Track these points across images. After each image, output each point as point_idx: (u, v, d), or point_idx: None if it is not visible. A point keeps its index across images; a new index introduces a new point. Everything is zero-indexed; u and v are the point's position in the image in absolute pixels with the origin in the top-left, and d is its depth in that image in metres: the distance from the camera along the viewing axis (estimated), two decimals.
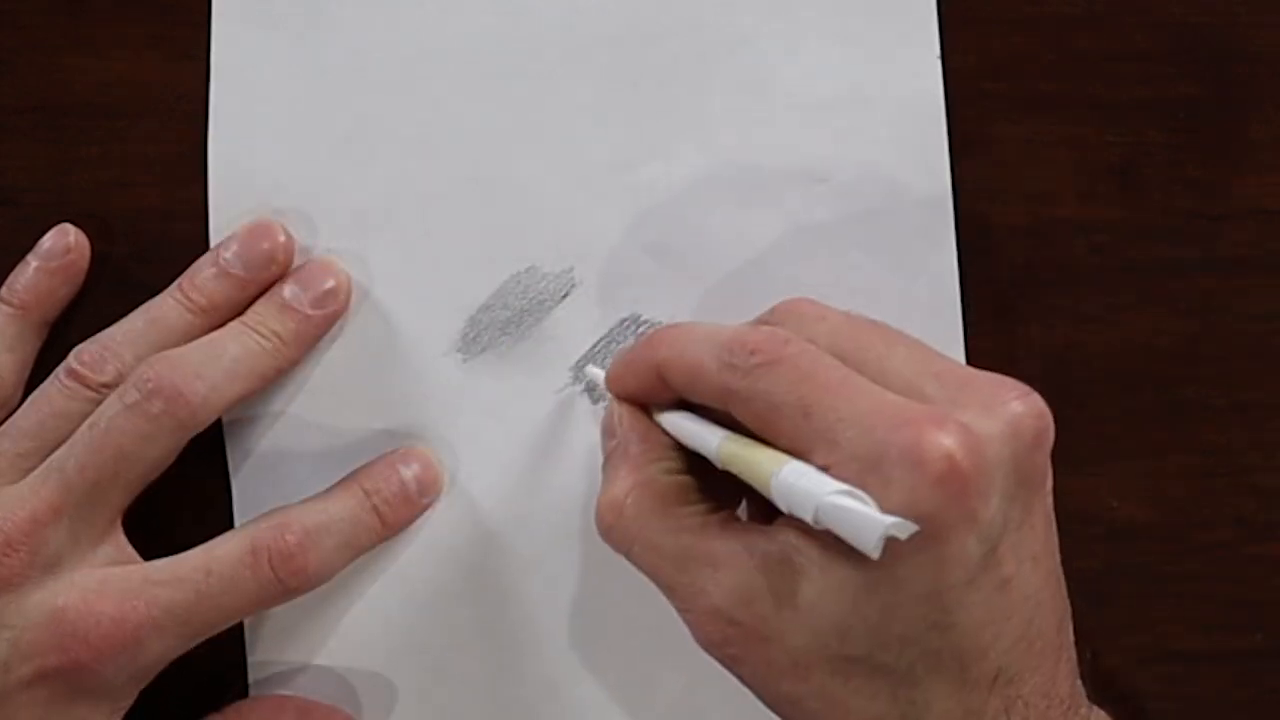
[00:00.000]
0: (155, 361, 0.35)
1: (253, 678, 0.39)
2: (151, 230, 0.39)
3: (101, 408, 0.35)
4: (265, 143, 0.39)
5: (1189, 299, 0.40)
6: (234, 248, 0.38)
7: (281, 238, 0.38)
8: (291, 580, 0.35)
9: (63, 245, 0.38)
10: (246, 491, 0.39)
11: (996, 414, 0.29)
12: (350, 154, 0.39)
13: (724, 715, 0.39)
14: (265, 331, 0.37)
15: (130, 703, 0.36)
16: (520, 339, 0.39)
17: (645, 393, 0.34)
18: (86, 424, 0.35)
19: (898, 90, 0.39)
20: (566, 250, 0.39)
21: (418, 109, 0.39)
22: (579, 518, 0.39)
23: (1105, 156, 0.40)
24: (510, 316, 0.39)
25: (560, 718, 0.39)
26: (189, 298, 0.37)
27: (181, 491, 0.38)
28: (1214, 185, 0.40)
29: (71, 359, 0.36)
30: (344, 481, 0.38)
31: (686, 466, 0.33)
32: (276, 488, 0.38)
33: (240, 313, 0.37)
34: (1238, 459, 0.40)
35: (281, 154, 0.39)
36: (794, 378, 0.29)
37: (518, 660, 0.39)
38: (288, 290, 0.38)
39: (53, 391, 0.36)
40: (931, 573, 0.28)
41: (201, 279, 0.37)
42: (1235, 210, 0.40)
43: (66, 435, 0.35)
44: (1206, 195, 0.40)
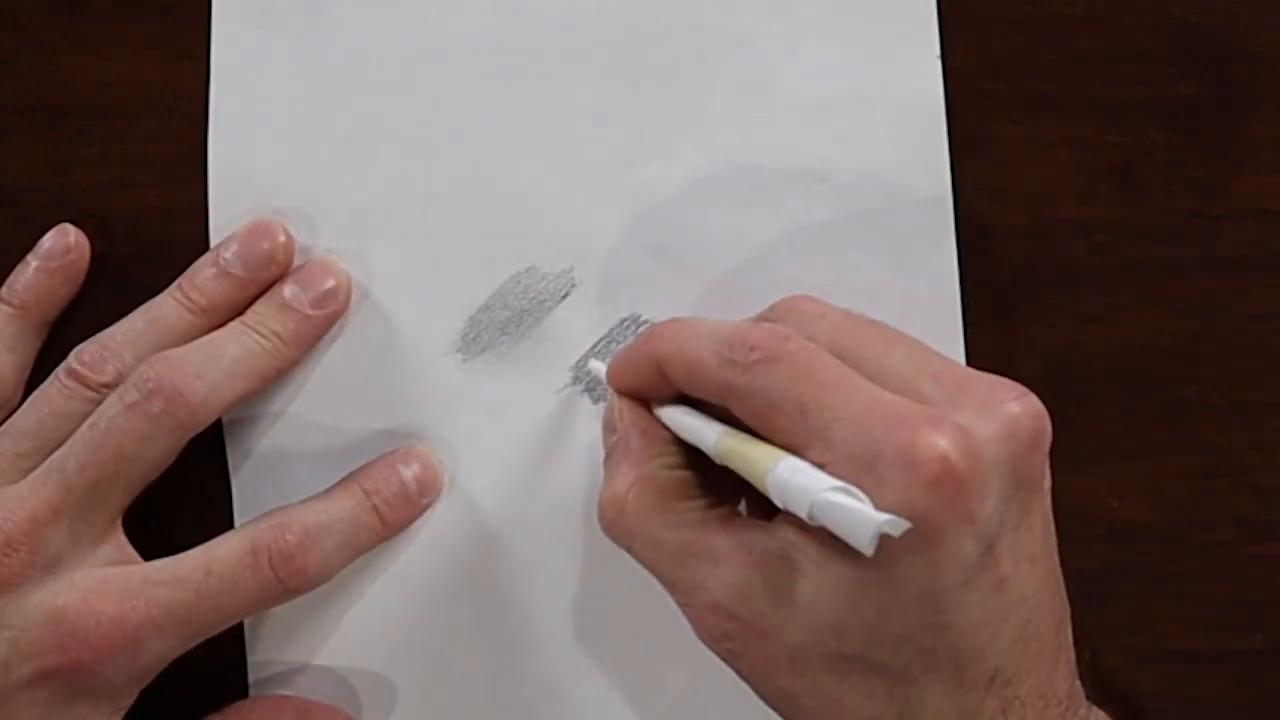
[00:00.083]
0: (155, 361, 0.35)
1: (253, 678, 0.39)
2: (151, 230, 0.39)
3: (101, 408, 0.35)
4: (265, 143, 0.39)
5: (1189, 299, 0.40)
6: (234, 248, 0.38)
7: (281, 238, 0.38)
8: (291, 580, 0.35)
9: (63, 245, 0.38)
10: (246, 491, 0.39)
11: (993, 415, 0.29)
12: (350, 154, 0.39)
13: (725, 713, 0.39)
14: (265, 331, 0.37)
15: (130, 703, 0.36)
16: (520, 339, 0.39)
17: (645, 387, 0.34)
18: (86, 424, 0.35)
19: (898, 90, 0.39)
20: (566, 250, 0.39)
21: (418, 109, 0.39)
22: (579, 518, 0.39)
23: (1105, 156, 0.40)
24: (510, 316, 0.39)
25: (560, 717, 0.39)
26: (189, 298, 0.37)
27: (181, 491, 0.37)
28: (1214, 185, 0.40)
29: (71, 359, 0.36)
30: (344, 481, 0.38)
31: (687, 461, 0.33)
32: (276, 488, 0.38)
33: (240, 313, 0.38)
34: (1238, 459, 0.40)
35: (281, 154, 0.39)
36: (792, 375, 0.29)
37: (518, 660, 0.39)
38: (288, 290, 0.38)
39: (53, 391, 0.36)
40: (927, 573, 0.28)
41: (201, 279, 0.37)
42: (1235, 210, 0.40)
43: (66, 435, 0.35)
44: (1206, 195, 0.40)
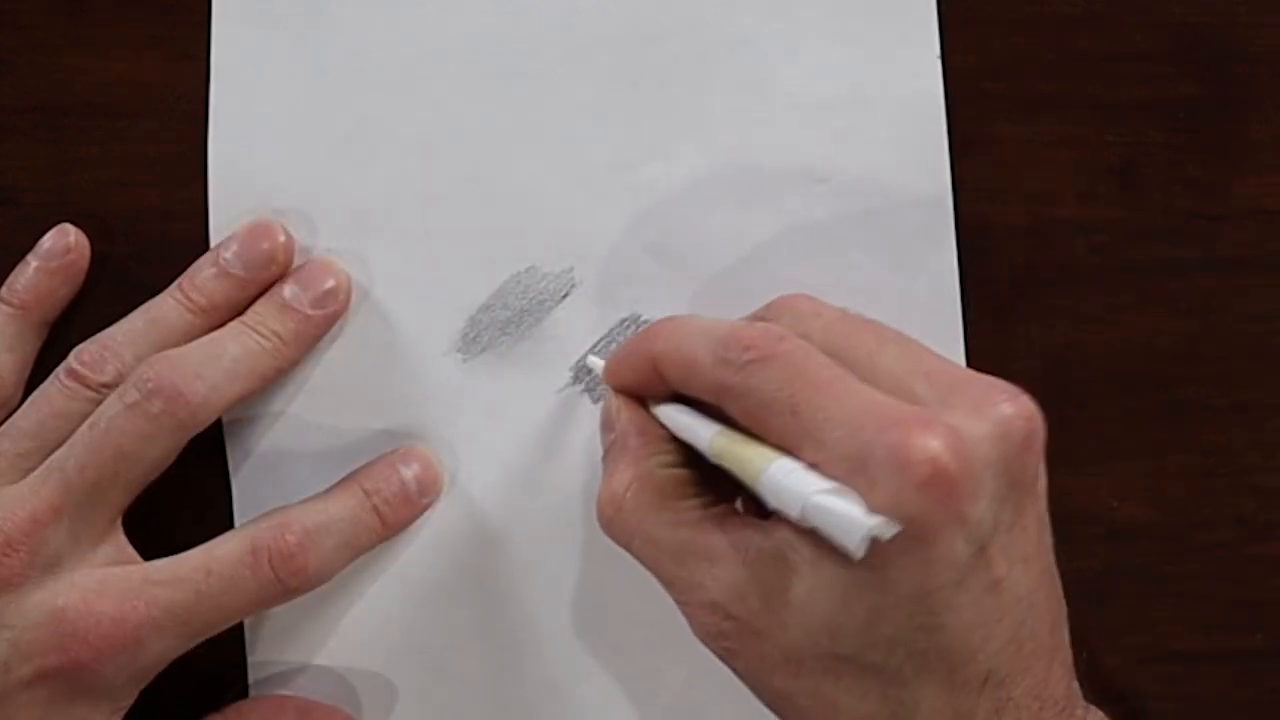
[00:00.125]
0: (155, 361, 0.35)
1: (253, 678, 0.39)
2: (151, 230, 0.39)
3: (101, 408, 0.35)
4: (265, 143, 0.39)
5: (1189, 299, 0.40)
6: (234, 248, 0.38)
7: (281, 238, 0.38)
8: (291, 580, 0.35)
9: (63, 245, 0.38)
10: (246, 491, 0.39)
11: (986, 415, 0.29)
12: (350, 154, 0.39)
13: (724, 712, 0.39)
14: (265, 331, 0.37)
15: (130, 703, 0.36)
16: (520, 339, 0.39)
17: (642, 385, 0.34)
18: (86, 424, 0.35)
19: (898, 90, 0.39)
20: (566, 250, 0.39)
21: (418, 109, 0.39)
22: (579, 517, 0.39)
23: (1105, 156, 0.40)
24: (510, 316, 0.39)
25: (560, 717, 0.39)
26: (189, 298, 0.37)
27: (181, 491, 0.37)
28: (1214, 185, 0.40)
29: (71, 359, 0.36)
30: (344, 481, 0.38)
31: (685, 460, 0.33)
32: (276, 488, 0.38)
33: (240, 313, 0.38)
34: (1238, 459, 0.40)
35: (281, 154, 0.39)
36: (785, 375, 0.29)
37: (518, 660, 0.39)
38: (288, 290, 0.38)
39: (53, 391, 0.36)
40: (919, 574, 0.28)
41: (201, 279, 0.37)
42: (1235, 210, 0.40)
43: (66, 435, 0.35)
44: (1206, 195, 0.40)
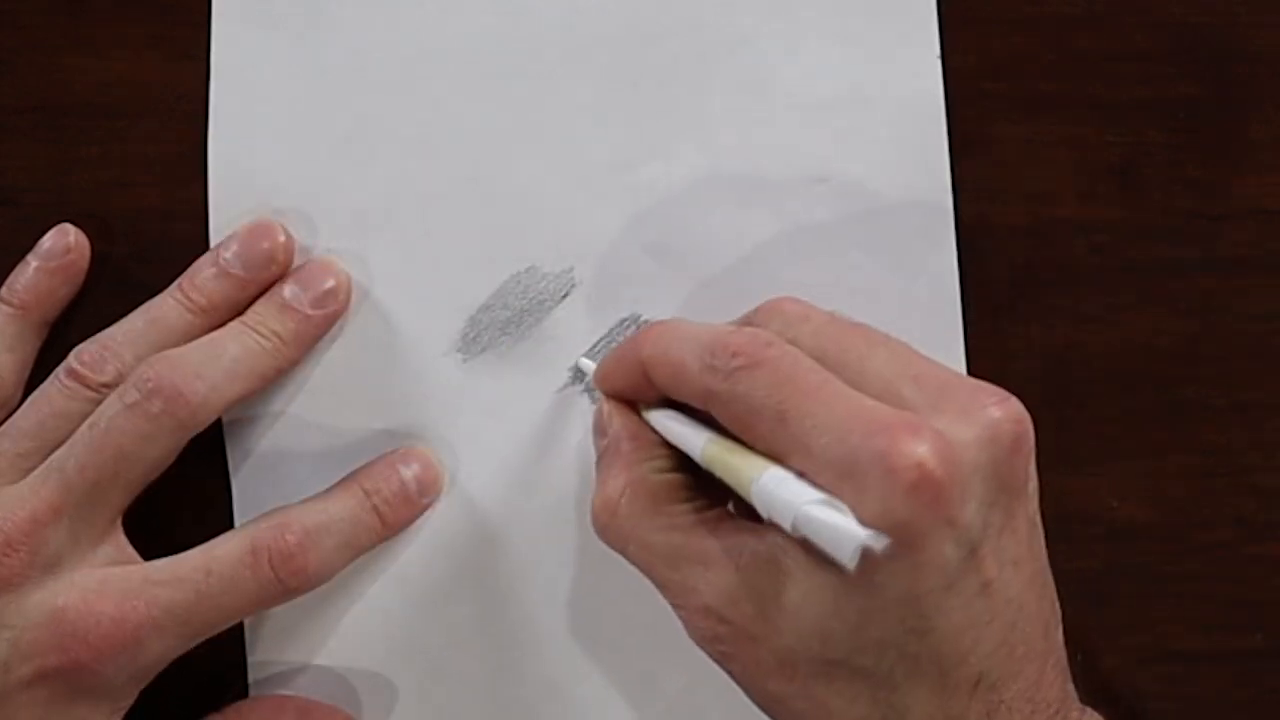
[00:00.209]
0: (155, 361, 0.35)
1: (253, 678, 0.39)
2: (151, 230, 0.39)
3: (101, 408, 0.35)
4: (265, 143, 0.39)
5: (1189, 299, 0.40)
6: (234, 248, 0.38)
7: (281, 238, 0.38)
8: (291, 580, 0.35)
9: (63, 245, 0.38)
10: (246, 491, 0.39)
11: (974, 419, 0.29)
12: (350, 154, 0.39)
13: (723, 712, 0.39)
14: (265, 331, 0.37)
15: (130, 703, 0.36)
16: (520, 339, 0.39)
17: (632, 390, 0.34)
18: (86, 424, 0.35)
19: (898, 90, 0.39)
20: (566, 250, 0.39)
21: (418, 109, 0.39)
22: (578, 517, 0.39)
23: (1105, 156, 0.40)
24: (510, 316, 0.39)
25: (560, 717, 0.39)
26: (189, 298, 0.37)
27: (181, 491, 0.37)
28: (1214, 185, 0.40)
29: (71, 359, 0.36)
30: (344, 481, 0.38)
31: (678, 464, 0.33)
32: (276, 488, 0.38)
33: (240, 313, 0.38)
34: (1238, 459, 0.40)
35: (281, 154, 0.39)
36: (772, 382, 0.29)
37: (518, 660, 0.39)
38: (288, 290, 0.38)
39: (53, 391, 0.36)
40: (908, 578, 0.28)
41: (201, 279, 0.37)
42: (1235, 210, 0.40)
43: (66, 435, 0.35)
44: (1206, 195, 0.40)
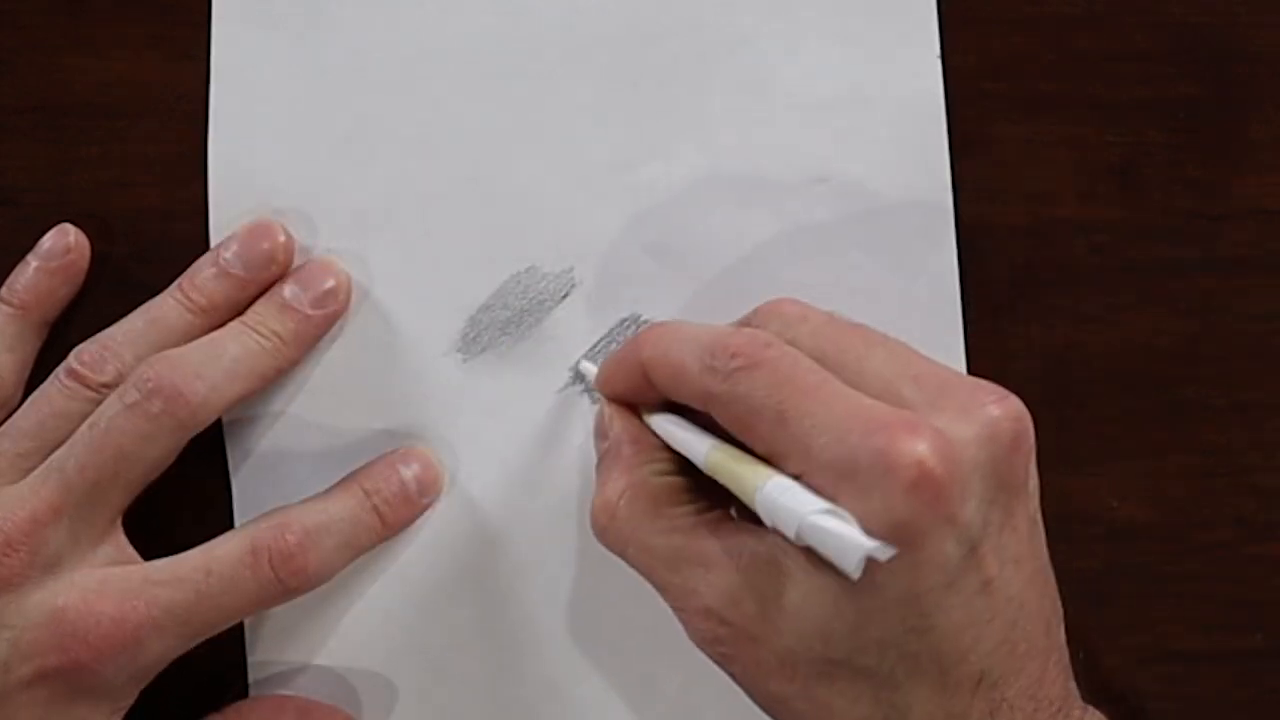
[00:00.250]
0: (155, 361, 0.35)
1: (253, 678, 0.39)
2: (151, 230, 0.39)
3: (101, 408, 0.35)
4: (265, 143, 0.39)
5: (1189, 299, 0.40)
6: (234, 248, 0.38)
7: (281, 238, 0.38)
8: (291, 580, 0.35)
9: (63, 245, 0.38)
10: (246, 491, 0.39)
11: (973, 418, 0.29)
12: (350, 154, 0.39)
13: (721, 713, 0.39)
14: (265, 331, 0.37)
15: (130, 703, 0.36)
16: (520, 339, 0.39)
17: (633, 392, 0.34)
18: (86, 424, 0.35)
19: (898, 90, 0.39)
20: (566, 250, 0.39)
21: (418, 109, 0.39)
22: (579, 518, 0.39)
23: (1105, 156, 0.40)
24: (510, 316, 0.39)
25: (560, 717, 0.39)
26: (189, 298, 0.37)
27: (181, 491, 0.37)
28: (1214, 185, 0.40)
29: (71, 359, 0.36)
30: (344, 481, 0.38)
31: (678, 467, 0.33)
32: (276, 488, 0.38)
33: (240, 313, 0.38)
34: (1238, 459, 0.40)
35: (281, 154, 0.39)
36: (772, 383, 0.29)
37: (518, 660, 0.39)
38: (288, 290, 0.38)
39: (53, 391, 0.36)
40: (908, 577, 0.28)
41: (201, 279, 0.37)
42: (1235, 210, 0.40)
43: (66, 435, 0.35)
44: (1206, 195, 0.40)
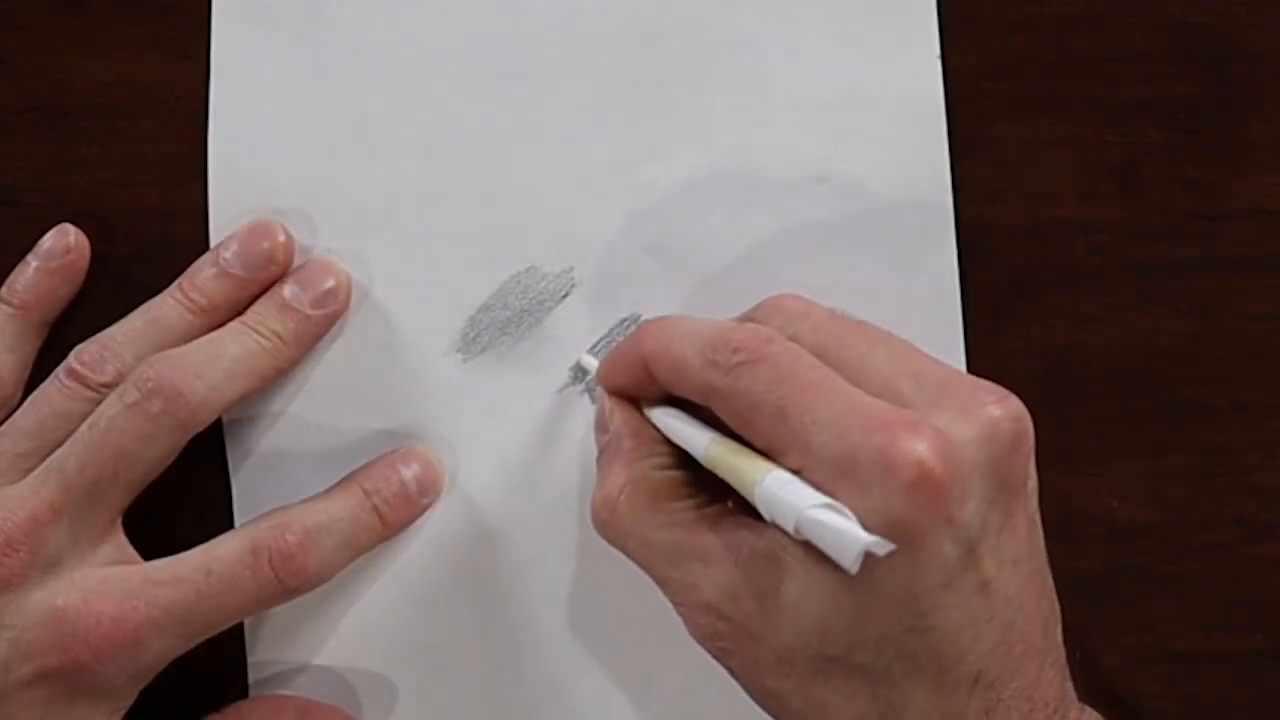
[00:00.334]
0: (155, 361, 0.35)
1: (253, 678, 0.39)
2: (151, 230, 0.39)
3: (101, 407, 0.35)
4: (265, 143, 0.39)
5: (1189, 299, 0.40)
6: (234, 248, 0.38)
7: (281, 238, 0.38)
8: (291, 580, 0.35)
9: (63, 245, 0.38)
10: (246, 491, 0.39)
11: (973, 417, 0.29)
12: (350, 154, 0.39)
13: (721, 712, 0.39)
14: (265, 331, 0.37)
15: (130, 703, 0.36)
16: (520, 339, 0.39)
17: (634, 386, 0.34)
18: (86, 424, 0.35)
19: (898, 90, 0.39)
20: (566, 250, 0.39)
21: (418, 109, 0.39)
22: (578, 517, 0.39)
23: (1105, 156, 0.40)
24: (510, 316, 0.39)
25: (560, 717, 0.39)
26: (189, 298, 0.37)
27: (181, 491, 0.38)
28: (1214, 185, 0.40)
29: (71, 359, 0.36)
30: (344, 481, 0.38)
31: (678, 461, 0.33)
32: (276, 488, 0.38)
33: (240, 313, 0.38)
34: (1238, 459, 0.40)
35: (281, 154, 0.39)
36: (773, 378, 0.29)
37: (518, 659, 0.39)
38: (288, 290, 0.38)
39: (53, 391, 0.36)
40: (906, 576, 0.28)
41: (201, 279, 0.37)
42: (1235, 210, 0.40)
43: (66, 435, 0.35)
44: (1206, 195, 0.40)
